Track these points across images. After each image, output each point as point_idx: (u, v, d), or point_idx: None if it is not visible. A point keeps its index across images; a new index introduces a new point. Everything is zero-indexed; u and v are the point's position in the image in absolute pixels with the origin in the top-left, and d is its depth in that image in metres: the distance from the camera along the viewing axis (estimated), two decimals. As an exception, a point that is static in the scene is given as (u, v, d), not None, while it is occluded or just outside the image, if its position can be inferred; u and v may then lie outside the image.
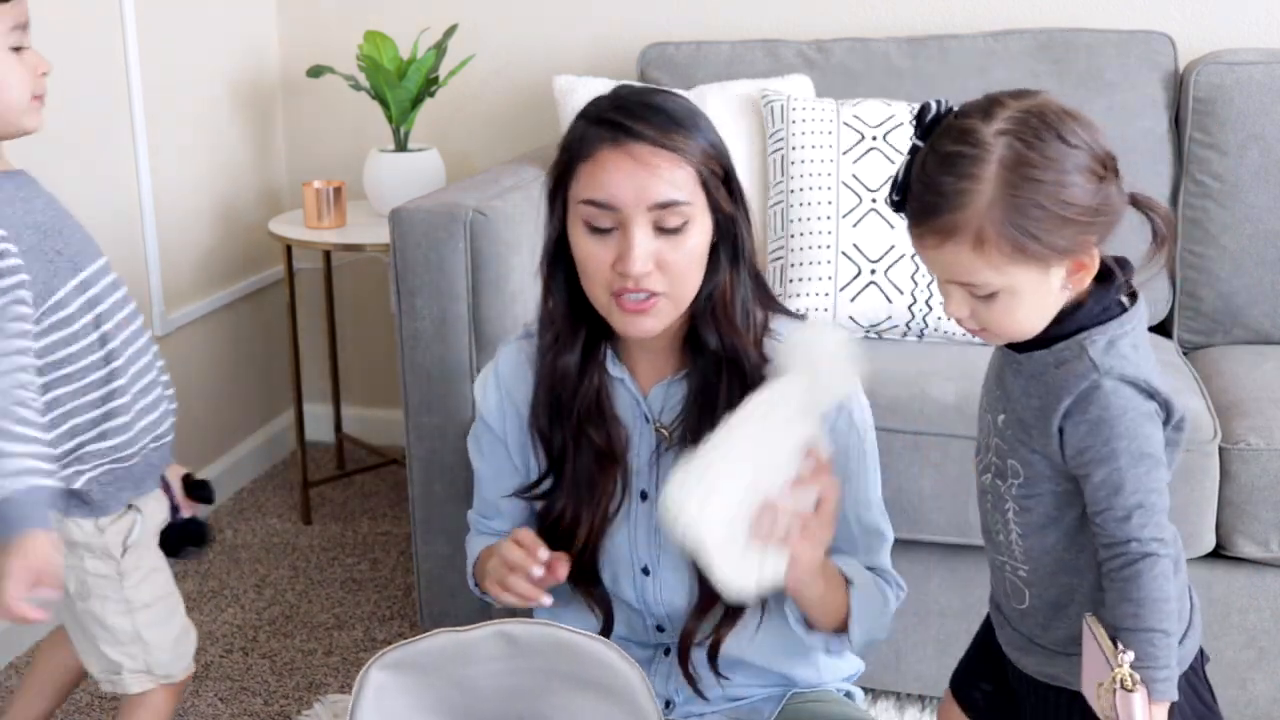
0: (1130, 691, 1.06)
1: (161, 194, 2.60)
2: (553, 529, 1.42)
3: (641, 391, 1.41)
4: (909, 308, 2.14)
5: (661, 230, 1.29)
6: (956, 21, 2.60)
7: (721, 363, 1.35)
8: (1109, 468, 1.08)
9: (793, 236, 2.17)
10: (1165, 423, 1.12)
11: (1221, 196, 2.29)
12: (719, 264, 1.34)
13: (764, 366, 1.34)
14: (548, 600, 1.33)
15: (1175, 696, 1.10)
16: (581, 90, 2.38)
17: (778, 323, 1.40)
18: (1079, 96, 2.35)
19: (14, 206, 1.45)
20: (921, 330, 2.16)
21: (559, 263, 1.38)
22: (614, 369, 1.41)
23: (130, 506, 1.56)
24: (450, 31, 2.62)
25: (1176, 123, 2.36)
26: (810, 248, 2.16)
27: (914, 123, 1.13)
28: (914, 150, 1.12)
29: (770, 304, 1.41)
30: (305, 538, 2.70)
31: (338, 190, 2.61)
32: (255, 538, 2.70)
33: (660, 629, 1.45)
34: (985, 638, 1.37)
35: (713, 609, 1.40)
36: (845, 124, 2.20)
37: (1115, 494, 1.08)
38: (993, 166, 1.05)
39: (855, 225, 2.15)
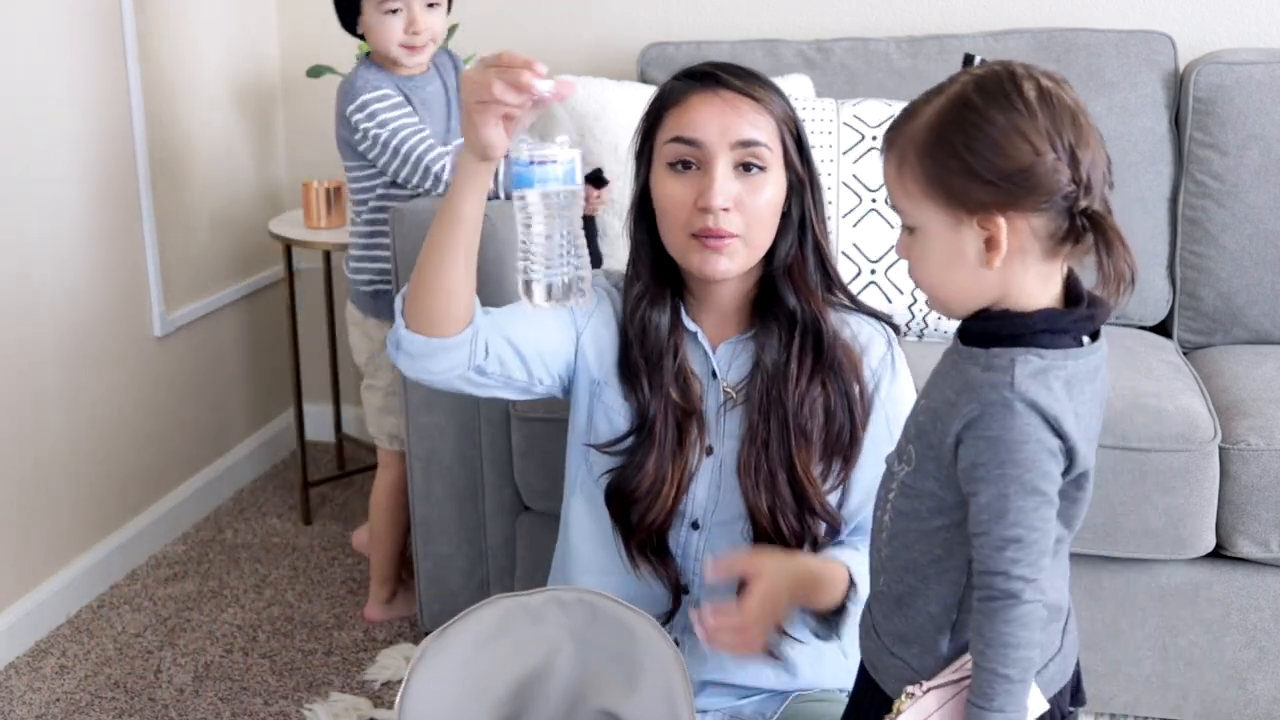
0: None
1: (161, 193, 2.60)
2: (633, 490, 1.43)
3: (712, 348, 1.45)
4: (909, 308, 2.14)
5: (742, 171, 1.35)
6: (956, 21, 2.60)
7: (796, 324, 1.40)
8: (996, 491, 1.03)
9: (793, 236, 2.17)
10: (1066, 472, 1.06)
11: (1221, 196, 2.28)
12: (791, 224, 1.40)
13: (836, 330, 1.41)
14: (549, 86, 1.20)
15: None
16: (581, 90, 2.38)
17: (858, 319, 1.45)
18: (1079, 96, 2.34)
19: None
20: (921, 330, 2.16)
21: (643, 221, 1.44)
22: (689, 324, 1.45)
23: None
24: (450, 31, 2.62)
25: (1176, 123, 2.36)
26: (810, 248, 2.16)
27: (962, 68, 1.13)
28: None
29: (837, 289, 1.45)
30: (305, 538, 2.70)
31: (337, 190, 2.60)
32: (255, 538, 2.70)
33: (685, 590, 1.46)
34: None
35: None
36: (845, 124, 2.20)
37: (996, 520, 1.03)
38: (942, 100, 1.06)
39: (855, 225, 2.15)
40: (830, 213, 2.15)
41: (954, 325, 2.11)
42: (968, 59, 1.11)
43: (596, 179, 2.09)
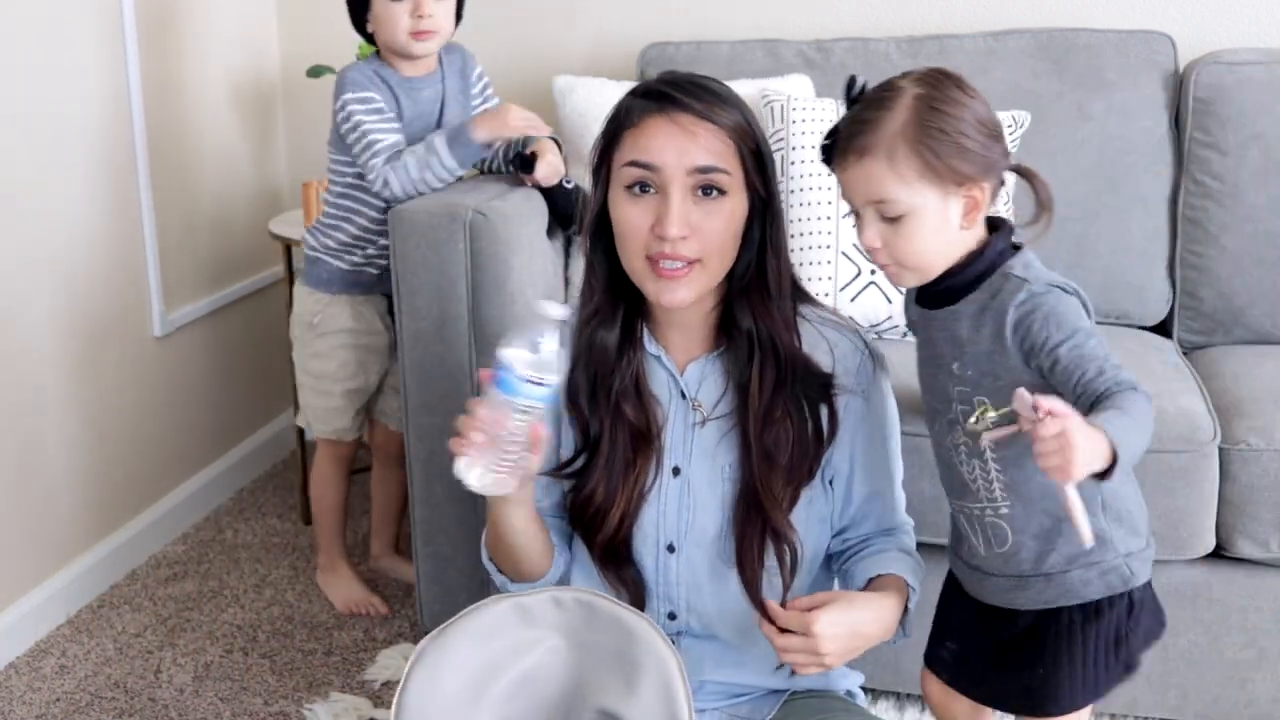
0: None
1: (161, 194, 2.60)
2: (584, 509, 1.43)
3: (678, 369, 1.43)
4: (909, 308, 2.13)
5: (699, 196, 1.33)
6: (956, 21, 2.60)
7: (754, 342, 1.39)
8: (1072, 343, 1.21)
9: (793, 236, 2.17)
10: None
11: (1221, 196, 2.28)
12: (751, 243, 1.39)
13: (797, 347, 1.40)
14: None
15: (1113, 440, 1.12)
16: (581, 90, 2.37)
17: (805, 309, 1.45)
18: (1079, 96, 2.35)
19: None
20: (921, 330, 2.16)
21: (600, 236, 1.41)
22: (651, 346, 1.43)
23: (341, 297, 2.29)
24: (450, 31, 2.62)
25: (1176, 123, 2.36)
26: (810, 248, 2.16)
27: (844, 93, 1.33)
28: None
29: (803, 302, 1.45)
30: (305, 538, 2.70)
31: (338, 190, 2.60)
32: (255, 538, 2.70)
33: (672, 616, 1.45)
34: (946, 605, 1.50)
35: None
36: (845, 124, 2.20)
37: (1083, 360, 1.20)
38: (906, 99, 1.26)
39: (855, 225, 2.14)
40: (830, 213, 2.15)
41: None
42: (852, 80, 1.32)
43: (524, 163, 2.13)
